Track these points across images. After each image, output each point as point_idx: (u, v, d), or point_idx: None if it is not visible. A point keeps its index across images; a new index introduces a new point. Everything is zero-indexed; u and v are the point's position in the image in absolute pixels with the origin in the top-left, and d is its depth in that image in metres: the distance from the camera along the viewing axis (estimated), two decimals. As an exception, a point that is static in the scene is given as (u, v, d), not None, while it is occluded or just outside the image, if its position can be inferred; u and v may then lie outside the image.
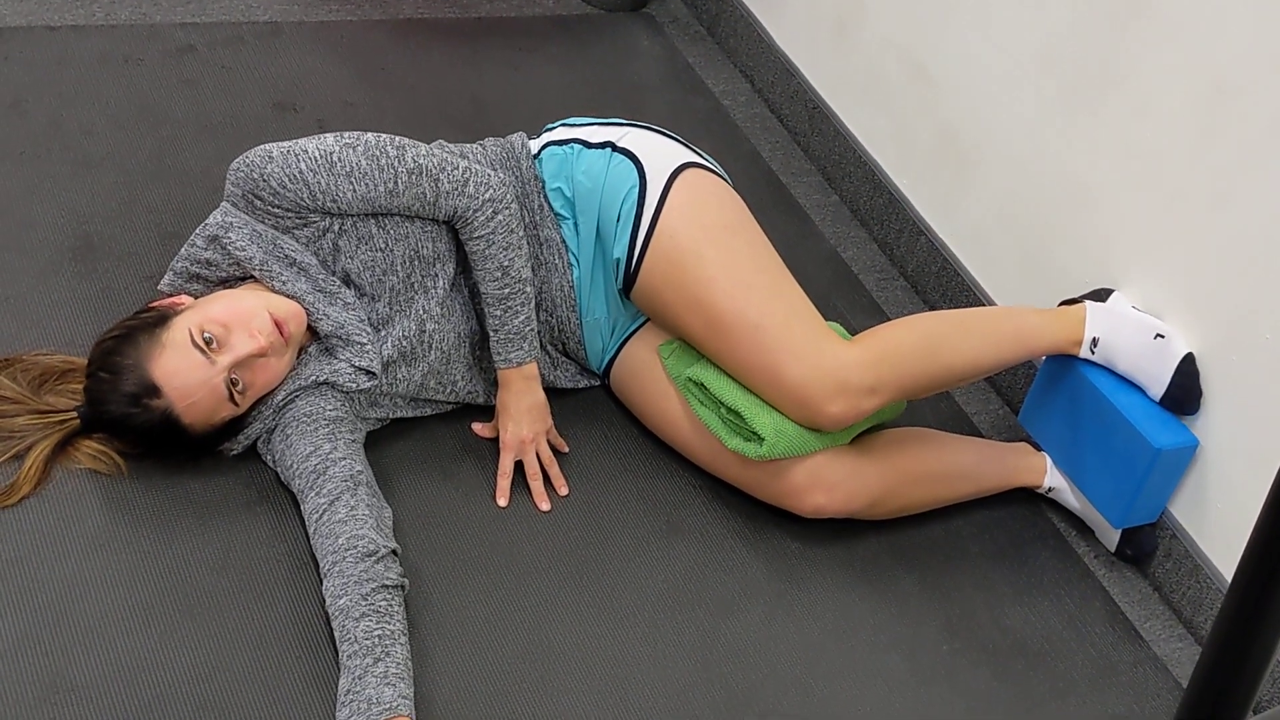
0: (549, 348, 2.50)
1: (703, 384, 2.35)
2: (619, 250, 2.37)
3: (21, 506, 2.18)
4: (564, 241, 2.42)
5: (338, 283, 2.27)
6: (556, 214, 2.42)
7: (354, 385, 2.27)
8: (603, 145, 2.42)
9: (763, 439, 2.28)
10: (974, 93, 2.77)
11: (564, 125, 2.51)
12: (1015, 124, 2.68)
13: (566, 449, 2.47)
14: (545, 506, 2.38)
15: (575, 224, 2.41)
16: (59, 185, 2.75)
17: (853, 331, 2.54)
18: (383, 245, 2.28)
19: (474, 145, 2.46)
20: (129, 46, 3.13)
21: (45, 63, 3.03)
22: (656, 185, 2.35)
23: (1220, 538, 2.39)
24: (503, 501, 2.37)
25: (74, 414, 2.22)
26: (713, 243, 2.33)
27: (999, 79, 2.70)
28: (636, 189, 2.36)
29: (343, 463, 2.18)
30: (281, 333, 2.18)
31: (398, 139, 2.27)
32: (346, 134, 2.25)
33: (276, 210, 2.21)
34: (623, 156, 2.39)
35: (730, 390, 2.32)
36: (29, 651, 2.01)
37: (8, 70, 2.99)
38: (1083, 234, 2.56)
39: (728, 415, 2.33)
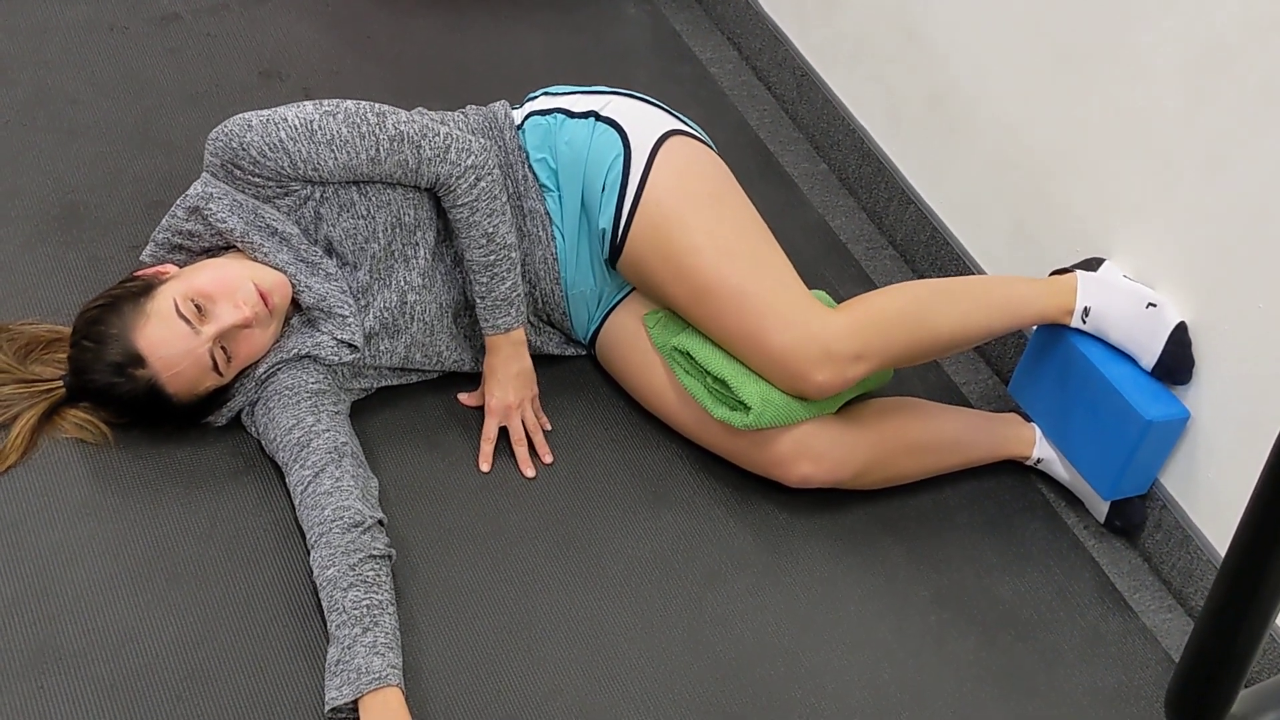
0: (533, 318, 2.49)
1: (688, 353, 2.34)
2: (604, 220, 2.36)
3: (8, 475, 2.18)
4: (548, 214, 2.41)
5: (320, 253, 2.26)
6: (541, 185, 2.40)
7: (336, 358, 2.26)
8: (586, 114, 2.40)
9: (749, 408, 2.27)
10: (964, 59, 2.76)
11: (546, 94, 2.49)
12: (1006, 90, 2.66)
13: (550, 427, 2.46)
14: (530, 473, 2.37)
15: (560, 195, 2.40)
16: (44, 154, 2.73)
17: (839, 299, 2.53)
18: (364, 212, 2.27)
19: (455, 113, 2.44)
20: (113, 14, 3.10)
21: (29, 30, 3.01)
22: (641, 154, 2.34)
23: (1211, 509, 2.39)
24: (485, 466, 2.36)
25: (60, 383, 2.22)
26: (698, 210, 2.32)
27: (989, 44, 2.68)
28: (621, 158, 2.34)
29: (326, 434, 2.17)
30: (266, 304, 2.17)
31: (378, 106, 2.26)
32: (326, 102, 2.24)
33: (257, 179, 2.20)
34: (606, 125, 2.38)
35: (716, 359, 2.31)
36: (15, 620, 2.01)
37: (-9, 37, 2.97)
38: (1074, 202, 2.55)
39: (714, 384, 2.32)
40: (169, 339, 2.10)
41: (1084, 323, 2.42)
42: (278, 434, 2.19)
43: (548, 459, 2.41)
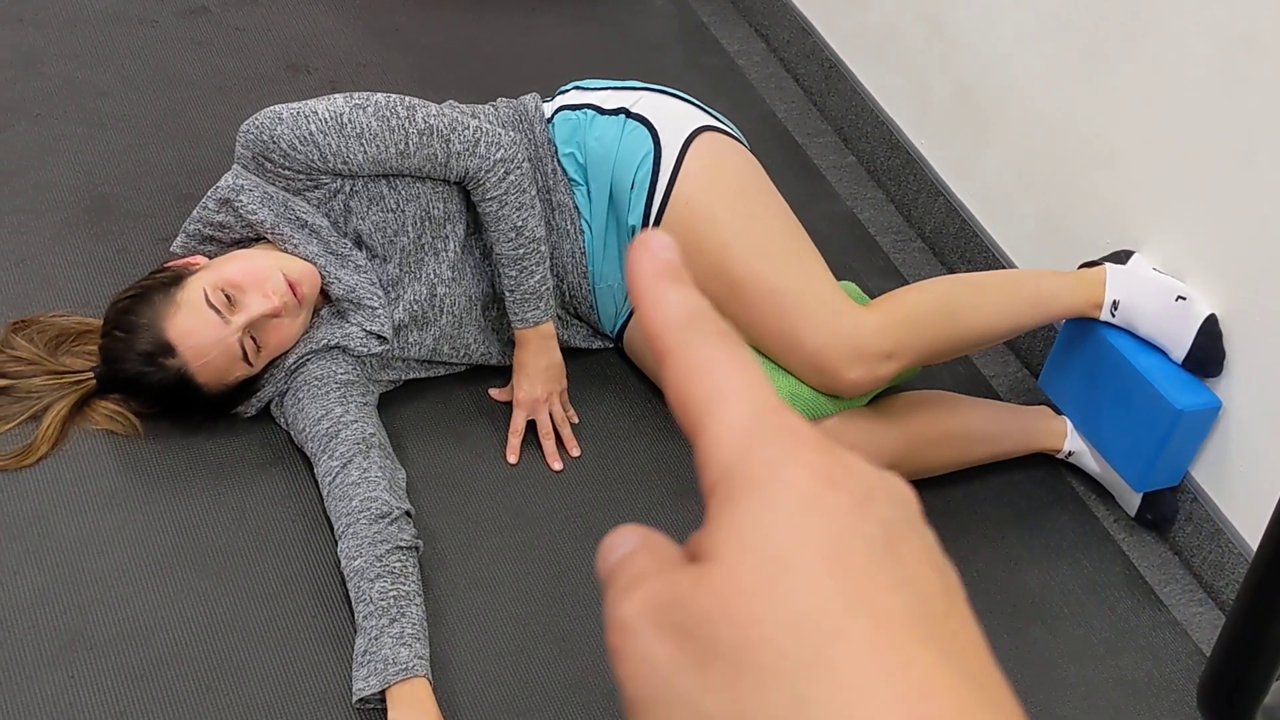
0: (560, 311, 2.49)
1: (717, 347, 2.34)
2: (634, 217, 2.35)
3: (39, 466, 2.19)
4: (576, 207, 2.41)
5: (349, 245, 2.26)
6: (569, 179, 2.40)
7: (365, 349, 2.27)
8: (616, 111, 2.40)
9: (777, 403, 2.26)
10: (993, 49, 2.75)
11: (577, 88, 2.49)
12: (1035, 81, 2.65)
13: (576, 419, 2.46)
14: (557, 466, 2.37)
15: (588, 190, 2.40)
16: (73, 146, 2.74)
17: (867, 290, 2.53)
18: (394, 206, 2.27)
19: (486, 106, 2.44)
20: (142, 8, 3.11)
21: (59, 23, 3.02)
22: (671, 151, 2.34)
23: (1242, 501, 2.38)
24: (513, 459, 2.37)
25: (90, 374, 2.23)
26: (729, 208, 2.32)
27: (1018, 35, 2.67)
28: (651, 155, 2.34)
29: (354, 425, 2.18)
30: (295, 293, 2.18)
31: (408, 99, 2.26)
32: (356, 95, 2.24)
33: (287, 172, 2.20)
34: (637, 123, 2.37)
35: (744, 353, 2.30)
36: (46, 608, 2.02)
37: (22, 31, 2.98)
38: (1103, 194, 2.54)
39: (743, 379, 2.32)
40: (198, 328, 2.11)
41: (1113, 316, 2.41)
42: (306, 424, 2.20)
43: (575, 452, 2.41)
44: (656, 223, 2.33)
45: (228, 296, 2.12)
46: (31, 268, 2.48)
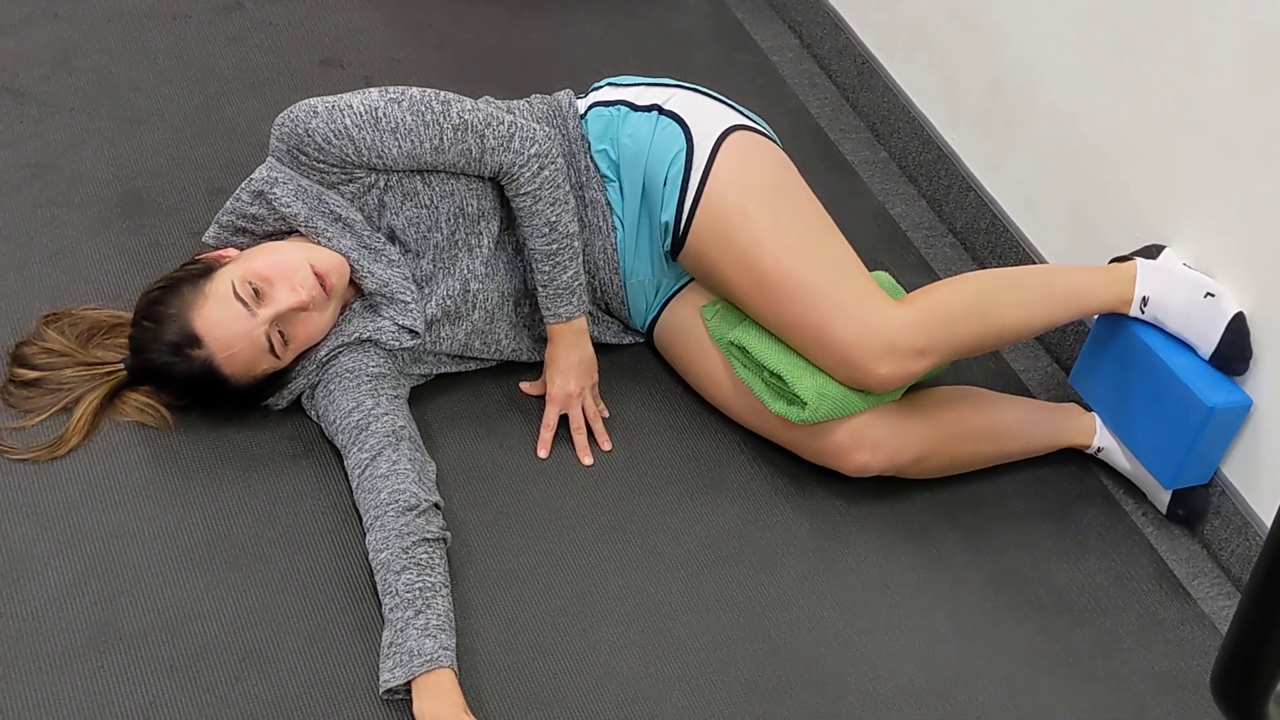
0: (591, 307, 2.49)
1: (744, 348, 2.34)
2: (667, 214, 2.36)
3: (70, 457, 2.21)
4: (609, 203, 2.41)
5: (382, 239, 2.27)
6: (602, 175, 2.41)
7: (397, 343, 2.28)
8: (649, 108, 2.40)
9: (805, 403, 2.27)
10: (1023, 45, 2.74)
11: (610, 85, 2.50)
12: (1065, 77, 2.65)
13: (607, 414, 2.47)
14: (588, 461, 2.38)
15: (620, 186, 2.41)
16: (107, 140, 2.76)
17: (899, 280, 2.52)
18: (428, 201, 2.28)
19: (520, 102, 2.45)
20: (176, 3, 3.13)
21: (94, 18, 3.05)
22: (704, 148, 2.34)
23: (1271, 495, 2.36)
24: (543, 453, 2.37)
25: (121, 366, 2.24)
26: (761, 204, 2.32)
27: (1049, 31, 2.67)
28: (684, 152, 2.34)
29: (385, 418, 2.18)
30: (323, 286, 2.19)
31: (443, 94, 2.27)
32: (391, 89, 2.25)
33: (321, 165, 2.22)
34: (669, 120, 2.38)
35: (772, 353, 2.31)
36: (77, 599, 2.04)
37: (57, 26, 3.00)
38: (1134, 189, 2.53)
39: (770, 379, 2.32)
40: (225, 320, 2.12)
41: (1143, 312, 2.40)
42: (337, 416, 2.21)
43: (606, 446, 2.41)
44: (689, 219, 2.33)
45: (255, 290, 2.14)
46: (65, 261, 2.51)
